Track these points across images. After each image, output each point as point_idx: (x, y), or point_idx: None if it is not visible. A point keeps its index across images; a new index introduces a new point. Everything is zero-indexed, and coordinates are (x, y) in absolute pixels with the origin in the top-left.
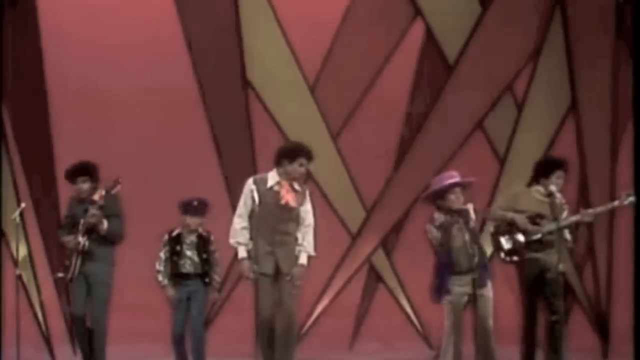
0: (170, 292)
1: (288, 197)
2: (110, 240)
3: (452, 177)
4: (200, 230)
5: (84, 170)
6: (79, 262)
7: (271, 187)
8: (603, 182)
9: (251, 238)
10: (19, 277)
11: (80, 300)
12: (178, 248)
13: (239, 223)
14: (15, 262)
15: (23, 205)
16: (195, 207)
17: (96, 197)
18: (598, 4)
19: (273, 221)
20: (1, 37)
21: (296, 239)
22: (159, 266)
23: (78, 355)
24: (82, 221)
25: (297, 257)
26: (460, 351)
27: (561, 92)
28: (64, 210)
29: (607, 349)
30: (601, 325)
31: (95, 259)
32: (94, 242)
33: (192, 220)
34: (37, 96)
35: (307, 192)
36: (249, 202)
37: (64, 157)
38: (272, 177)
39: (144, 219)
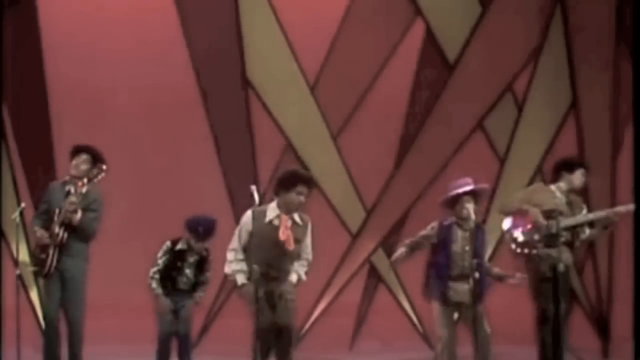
0: (164, 303)
1: (287, 235)
2: (81, 234)
3: (466, 184)
4: (204, 253)
5: (91, 153)
6: (56, 256)
7: (270, 221)
8: (603, 182)
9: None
10: (19, 277)
11: (56, 299)
12: (179, 264)
13: (234, 256)
14: (16, 262)
15: (23, 205)
16: (200, 234)
17: (81, 186)
18: (598, 4)
19: (268, 257)
20: (1, 37)
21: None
22: (155, 273)
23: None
24: (59, 210)
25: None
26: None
27: (561, 92)
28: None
29: (608, 349)
30: (601, 325)
31: (72, 254)
32: (71, 235)
33: (196, 245)
34: (37, 96)
35: (309, 225)
36: (245, 235)
37: (64, 157)
38: (272, 210)
39: (143, 218)
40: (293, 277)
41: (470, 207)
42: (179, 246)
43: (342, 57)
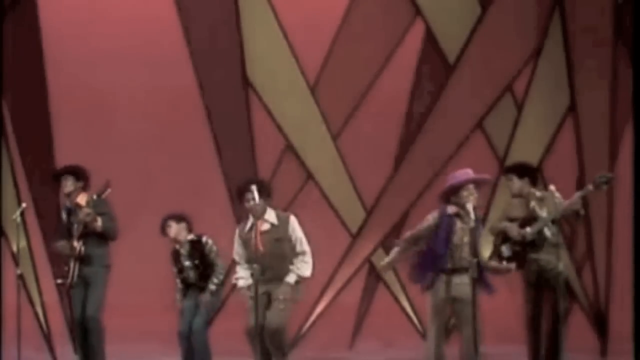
0: (178, 302)
1: (258, 243)
2: (106, 237)
3: (467, 174)
4: (190, 237)
5: (68, 171)
6: (77, 267)
7: (250, 230)
8: None
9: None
10: (20, 277)
11: (81, 305)
12: (179, 265)
13: (237, 266)
14: (16, 262)
15: (24, 205)
16: (162, 226)
17: (80, 200)
18: (597, 5)
19: (262, 260)
20: (1, 37)
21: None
22: (177, 284)
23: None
24: (75, 225)
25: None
26: (441, 356)
27: (560, 93)
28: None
29: (606, 348)
30: (600, 325)
31: (92, 261)
32: (89, 245)
33: (170, 232)
34: (37, 96)
35: (291, 220)
36: (238, 249)
37: (64, 157)
38: (250, 219)
39: (143, 218)
40: (290, 278)
41: (471, 198)
42: (172, 249)
43: (342, 57)
